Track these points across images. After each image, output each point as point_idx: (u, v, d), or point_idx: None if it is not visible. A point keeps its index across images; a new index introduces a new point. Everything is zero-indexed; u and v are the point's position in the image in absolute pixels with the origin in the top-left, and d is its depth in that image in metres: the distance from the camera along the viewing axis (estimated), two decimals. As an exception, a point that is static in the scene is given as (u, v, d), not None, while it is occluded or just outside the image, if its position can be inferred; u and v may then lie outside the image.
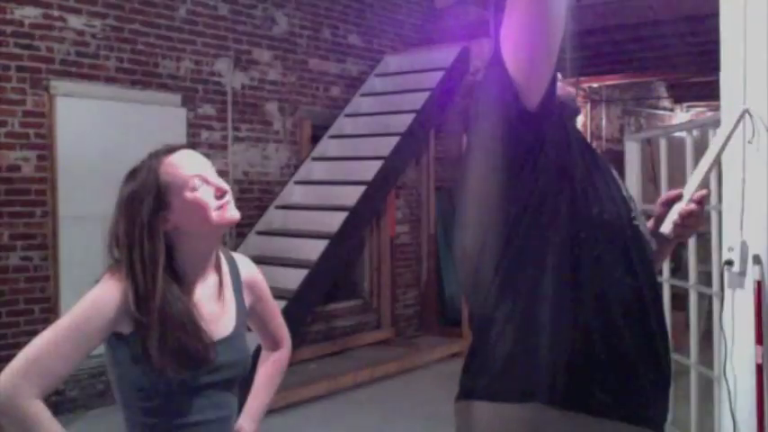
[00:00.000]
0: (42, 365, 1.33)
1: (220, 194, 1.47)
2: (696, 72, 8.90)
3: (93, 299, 1.40)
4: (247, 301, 1.63)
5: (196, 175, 1.45)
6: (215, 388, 1.49)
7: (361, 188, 5.59)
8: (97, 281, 1.45)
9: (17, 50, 4.59)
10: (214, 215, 1.45)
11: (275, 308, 1.75)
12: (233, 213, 1.48)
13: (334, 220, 5.41)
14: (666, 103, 11.95)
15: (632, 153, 4.67)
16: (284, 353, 1.77)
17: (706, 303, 4.30)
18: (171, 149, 1.49)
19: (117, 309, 1.39)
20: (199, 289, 1.52)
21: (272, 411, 1.74)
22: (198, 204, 1.44)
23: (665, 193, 1.55)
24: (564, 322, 1.27)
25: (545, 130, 1.28)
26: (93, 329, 1.37)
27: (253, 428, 1.65)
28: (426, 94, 6.23)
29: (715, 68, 3.06)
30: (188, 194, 1.44)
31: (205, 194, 1.45)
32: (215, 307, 1.53)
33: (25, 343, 1.37)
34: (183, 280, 1.48)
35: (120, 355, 1.43)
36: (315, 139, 6.46)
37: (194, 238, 1.48)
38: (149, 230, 1.43)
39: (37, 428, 1.32)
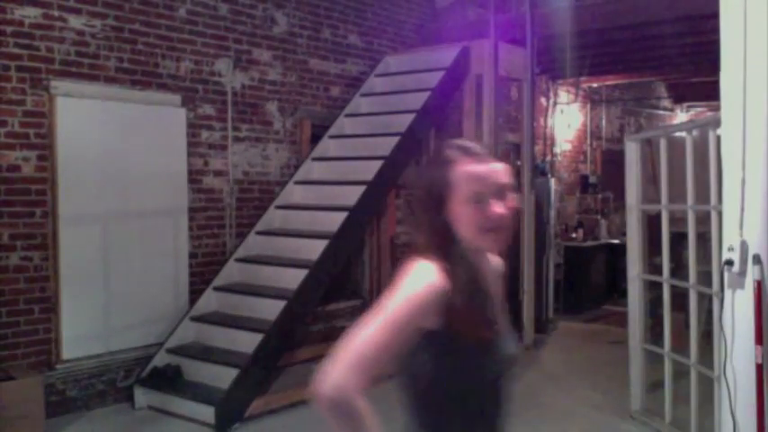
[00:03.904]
0: (370, 359, 1.32)
1: (498, 219, 1.44)
2: (696, 72, 8.90)
3: (407, 292, 1.38)
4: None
5: (493, 192, 1.44)
6: (508, 381, 1.52)
7: (361, 188, 5.59)
8: (397, 274, 1.44)
9: (17, 50, 4.59)
10: (477, 237, 1.46)
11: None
12: (498, 246, 1.49)
13: (335, 220, 5.41)
14: (666, 103, 11.93)
15: (632, 153, 4.67)
16: None
17: (706, 303, 4.30)
18: (478, 159, 1.45)
19: (428, 300, 1.38)
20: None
21: (272, 411, 1.74)
22: (467, 219, 1.44)
23: None
24: None
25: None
26: (409, 323, 1.36)
27: None
28: (426, 94, 6.22)
29: (715, 68, 3.06)
30: (465, 207, 1.44)
31: (487, 210, 1.44)
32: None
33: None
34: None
35: (431, 352, 1.42)
36: (315, 139, 6.46)
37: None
38: (437, 209, 1.46)
39: (363, 423, 1.30)
